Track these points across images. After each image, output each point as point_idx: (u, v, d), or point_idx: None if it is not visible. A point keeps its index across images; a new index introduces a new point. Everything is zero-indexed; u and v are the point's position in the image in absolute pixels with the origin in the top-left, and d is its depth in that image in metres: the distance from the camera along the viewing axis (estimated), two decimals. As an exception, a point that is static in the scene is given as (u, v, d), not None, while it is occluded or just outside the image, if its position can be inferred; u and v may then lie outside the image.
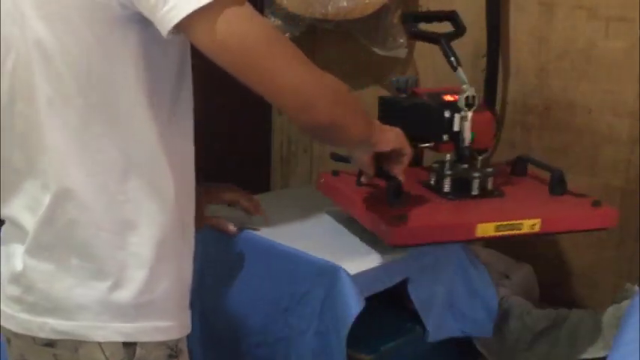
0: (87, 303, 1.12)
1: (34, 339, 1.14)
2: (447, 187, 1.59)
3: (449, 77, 2.05)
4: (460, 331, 1.64)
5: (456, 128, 1.56)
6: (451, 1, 2.03)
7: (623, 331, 1.38)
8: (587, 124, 1.87)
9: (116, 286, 1.12)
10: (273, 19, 2.13)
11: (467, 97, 1.55)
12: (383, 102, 1.74)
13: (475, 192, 1.58)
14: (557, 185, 1.61)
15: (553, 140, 1.93)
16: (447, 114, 1.56)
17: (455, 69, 1.59)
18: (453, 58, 1.60)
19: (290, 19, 2.10)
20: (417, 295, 1.55)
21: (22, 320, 1.14)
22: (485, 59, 1.95)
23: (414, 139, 1.61)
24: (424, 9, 2.06)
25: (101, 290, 1.11)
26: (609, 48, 1.81)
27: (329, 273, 1.45)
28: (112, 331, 1.12)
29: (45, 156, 1.11)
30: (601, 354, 1.61)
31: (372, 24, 2.07)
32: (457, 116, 1.55)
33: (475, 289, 1.63)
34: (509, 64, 1.96)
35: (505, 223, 1.48)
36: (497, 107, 1.97)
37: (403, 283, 1.54)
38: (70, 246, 1.12)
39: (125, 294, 1.12)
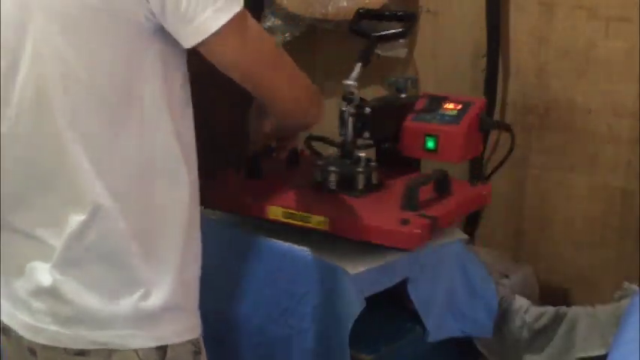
0: (120, 313, 1.13)
1: (65, 349, 1.14)
2: (316, 177, 1.62)
3: (449, 77, 2.06)
4: (460, 331, 1.64)
5: (344, 123, 1.59)
6: (451, 1, 2.03)
7: (623, 330, 1.38)
8: (587, 124, 1.87)
9: (147, 293, 1.13)
10: (273, 19, 2.13)
11: (345, 93, 1.58)
12: None
13: (332, 186, 1.59)
14: (406, 200, 1.51)
15: (553, 140, 1.93)
16: (343, 107, 1.59)
17: (356, 63, 1.61)
18: (364, 54, 1.64)
19: (290, 19, 2.10)
20: (417, 295, 1.55)
21: (53, 332, 1.15)
22: (485, 59, 1.95)
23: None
24: (424, 9, 2.07)
25: (133, 299, 1.13)
26: (609, 48, 1.81)
27: (329, 273, 1.45)
28: (146, 337, 1.14)
29: (66, 172, 1.11)
30: (600, 352, 1.61)
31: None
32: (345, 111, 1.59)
33: (475, 289, 1.63)
34: (509, 64, 1.97)
35: (294, 212, 1.51)
36: (498, 107, 1.97)
37: (403, 283, 1.54)
38: (101, 258, 1.12)
39: (156, 301, 1.14)
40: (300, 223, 1.52)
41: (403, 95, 1.78)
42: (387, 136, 1.70)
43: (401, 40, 2.05)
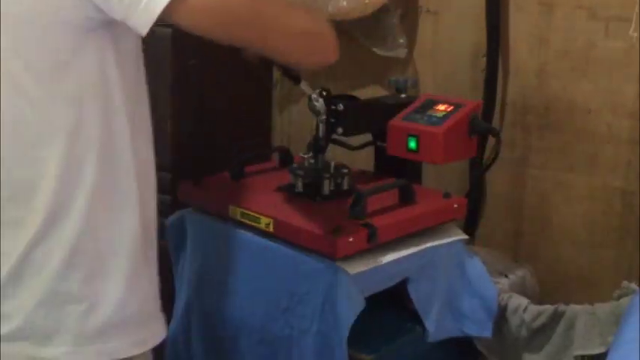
0: (64, 328, 1.10)
1: None
2: (290, 180, 1.65)
3: (449, 78, 2.06)
4: (460, 331, 1.64)
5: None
6: (451, 1, 2.03)
7: (623, 329, 1.38)
8: (587, 124, 1.87)
9: (93, 307, 1.10)
10: (273, 19, 2.12)
11: (319, 93, 1.59)
12: None
13: (298, 190, 1.62)
14: (351, 208, 1.49)
15: (553, 140, 1.93)
16: (315, 102, 1.61)
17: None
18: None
19: (290, 19, 2.10)
20: (417, 295, 1.55)
21: None
22: (485, 59, 1.95)
23: None
24: (424, 9, 2.07)
25: (78, 313, 1.10)
26: (609, 48, 1.81)
27: (329, 273, 1.45)
28: (92, 353, 1.11)
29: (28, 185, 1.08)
30: (599, 350, 1.61)
31: (372, 24, 2.07)
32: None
33: (475, 288, 1.63)
34: (508, 64, 1.97)
35: (248, 212, 1.55)
36: (497, 107, 1.97)
37: (403, 283, 1.54)
38: (47, 273, 1.09)
39: (101, 315, 1.11)
40: (252, 223, 1.54)
41: (403, 95, 1.79)
42: (379, 133, 1.71)
43: (401, 40, 2.05)
